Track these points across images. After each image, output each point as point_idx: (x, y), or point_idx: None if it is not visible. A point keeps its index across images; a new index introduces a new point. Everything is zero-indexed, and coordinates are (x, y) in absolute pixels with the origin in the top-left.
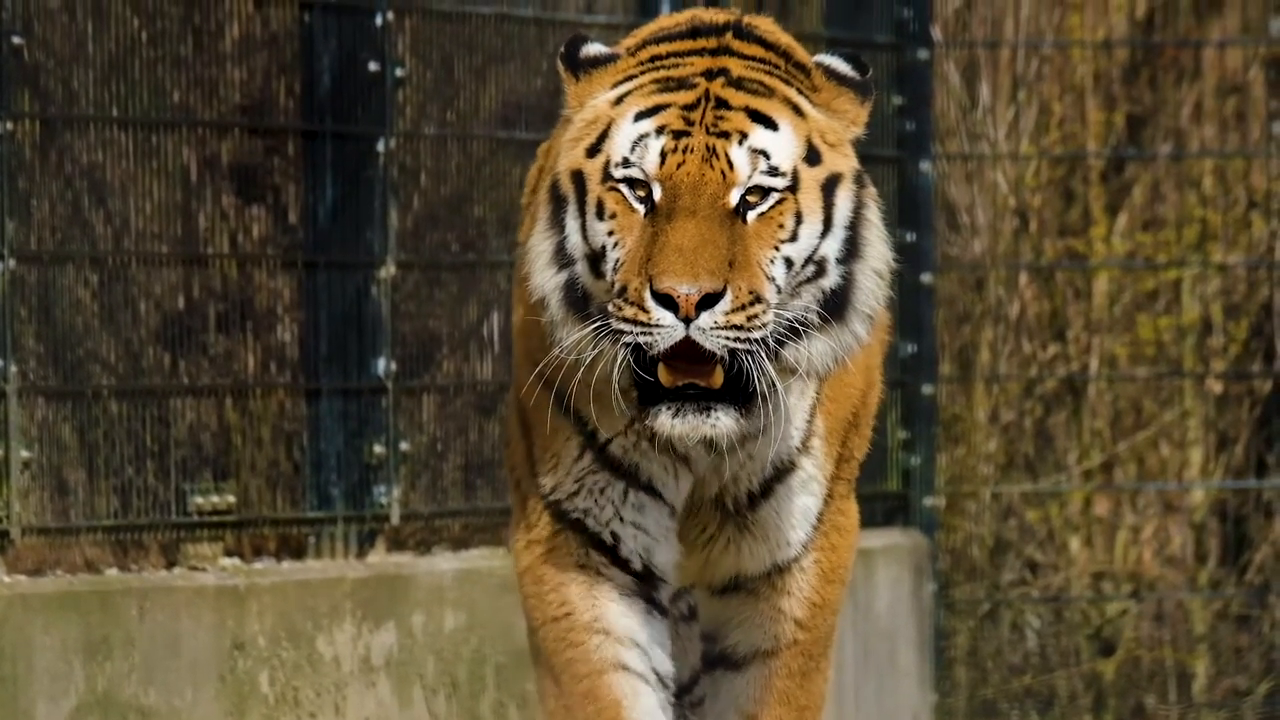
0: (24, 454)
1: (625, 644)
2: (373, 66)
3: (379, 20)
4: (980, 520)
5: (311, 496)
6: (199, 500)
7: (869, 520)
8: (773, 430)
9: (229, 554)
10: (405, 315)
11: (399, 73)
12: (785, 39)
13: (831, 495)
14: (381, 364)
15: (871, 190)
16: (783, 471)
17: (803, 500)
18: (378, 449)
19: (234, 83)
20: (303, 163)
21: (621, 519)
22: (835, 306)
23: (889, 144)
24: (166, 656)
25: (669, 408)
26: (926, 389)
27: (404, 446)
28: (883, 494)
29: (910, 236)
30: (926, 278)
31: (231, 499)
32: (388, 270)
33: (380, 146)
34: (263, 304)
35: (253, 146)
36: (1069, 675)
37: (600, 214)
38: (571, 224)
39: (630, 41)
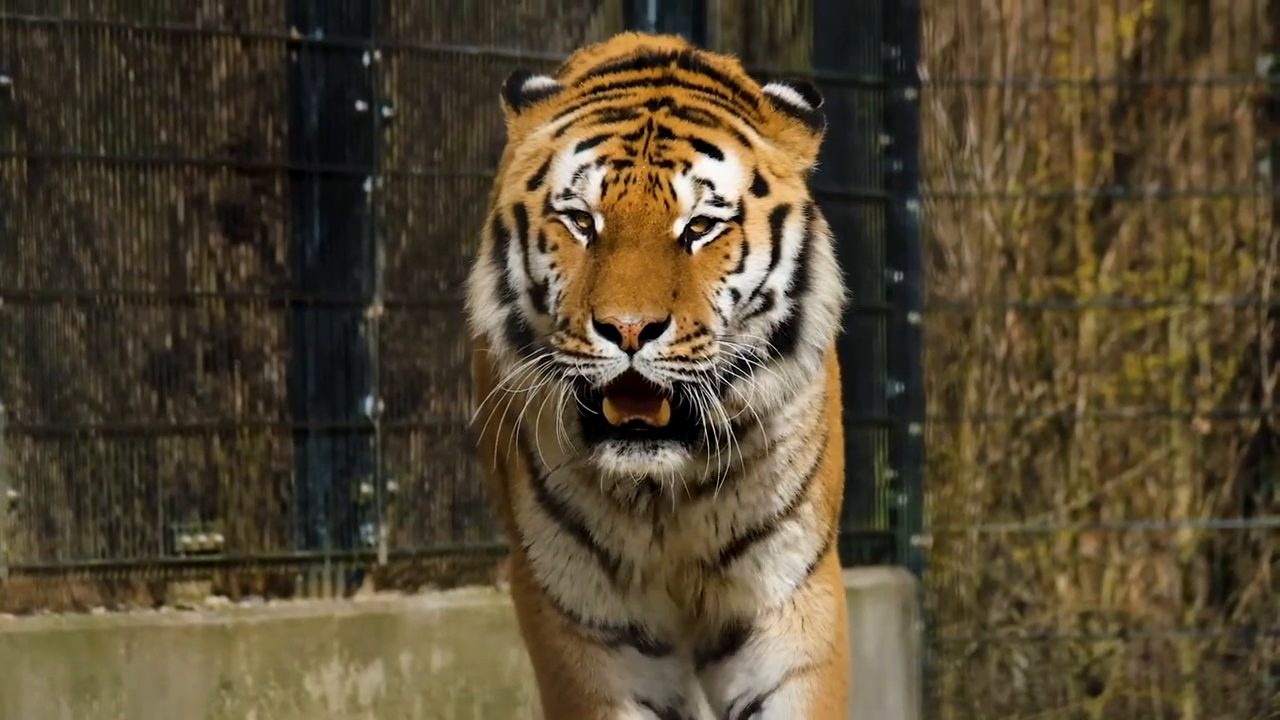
0: (11, 493)
1: (630, 710)
2: (360, 106)
3: (366, 59)
4: (967, 559)
5: (299, 536)
6: (186, 539)
7: (856, 559)
8: (754, 481)
9: (216, 593)
10: (393, 354)
11: (386, 112)
12: (734, 70)
13: (828, 551)
14: (369, 403)
15: (822, 223)
16: (760, 533)
17: (788, 556)
18: (365, 488)
19: (221, 122)
20: (290, 202)
21: (554, 569)
22: (784, 340)
23: (876, 183)
24: (154, 696)
25: (614, 445)
26: (913, 428)
27: (391, 486)
28: (870, 533)
29: (897, 276)
30: (913, 317)
31: (219, 538)
32: (375, 309)
33: (368, 185)
34: (250, 343)
35: (240, 185)
36: (1056, 714)
37: (542, 246)
38: (514, 258)
39: (576, 73)
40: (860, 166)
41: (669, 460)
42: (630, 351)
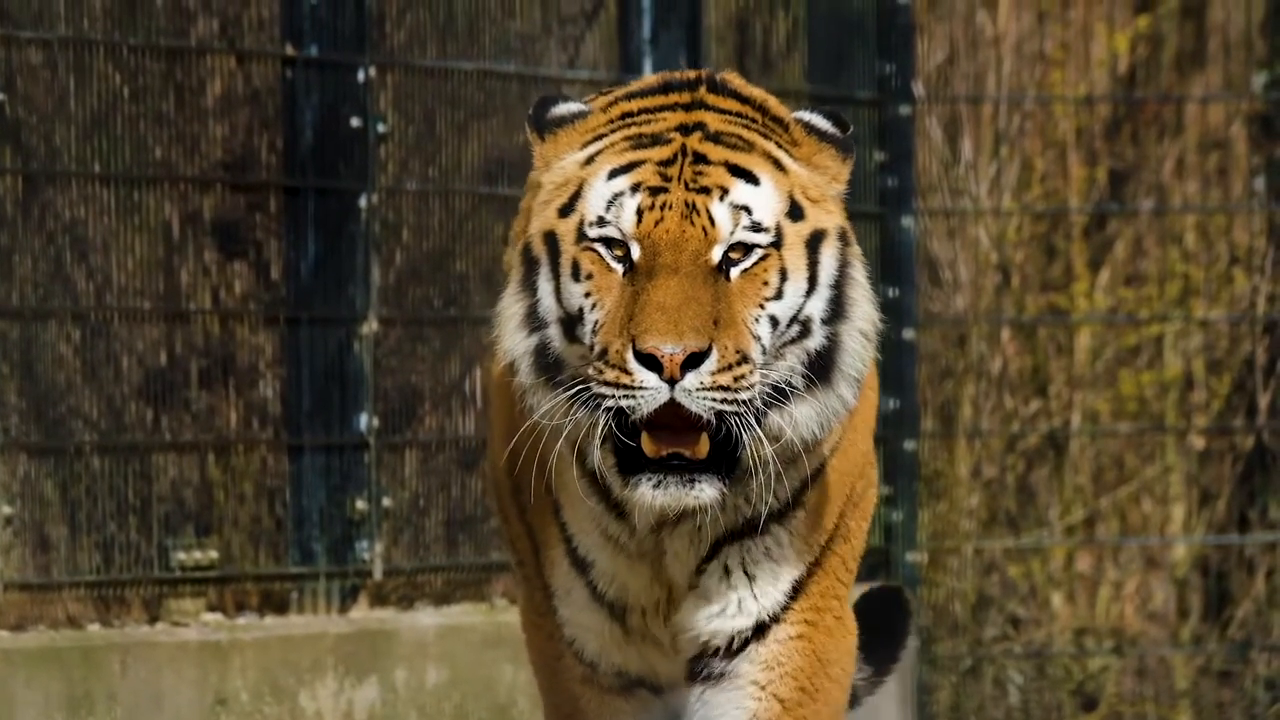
0: (6, 509)
1: None
2: (355, 122)
3: (361, 76)
4: (962, 576)
5: (294, 552)
6: (181, 555)
7: None
8: (756, 495)
9: (211, 609)
10: (387, 371)
11: (381, 128)
12: (759, 92)
13: (823, 570)
14: (363, 419)
15: (856, 249)
16: (739, 534)
17: (769, 566)
18: (360, 504)
19: (216, 138)
20: (285, 218)
21: (582, 624)
22: (820, 369)
23: (871, 199)
24: (149, 712)
25: (650, 478)
26: (908, 444)
27: (386, 502)
28: (865, 549)
29: (892, 292)
30: (908, 333)
31: (214, 554)
32: (370, 326)
33: (362, 202)
34: (245, 360)
35: (235, 202)
36: None
37: (576, 275)
38: (544, 286)
39: (601, 100)
40: (855, 183)
41: (705, 493)
42: (671, 381)
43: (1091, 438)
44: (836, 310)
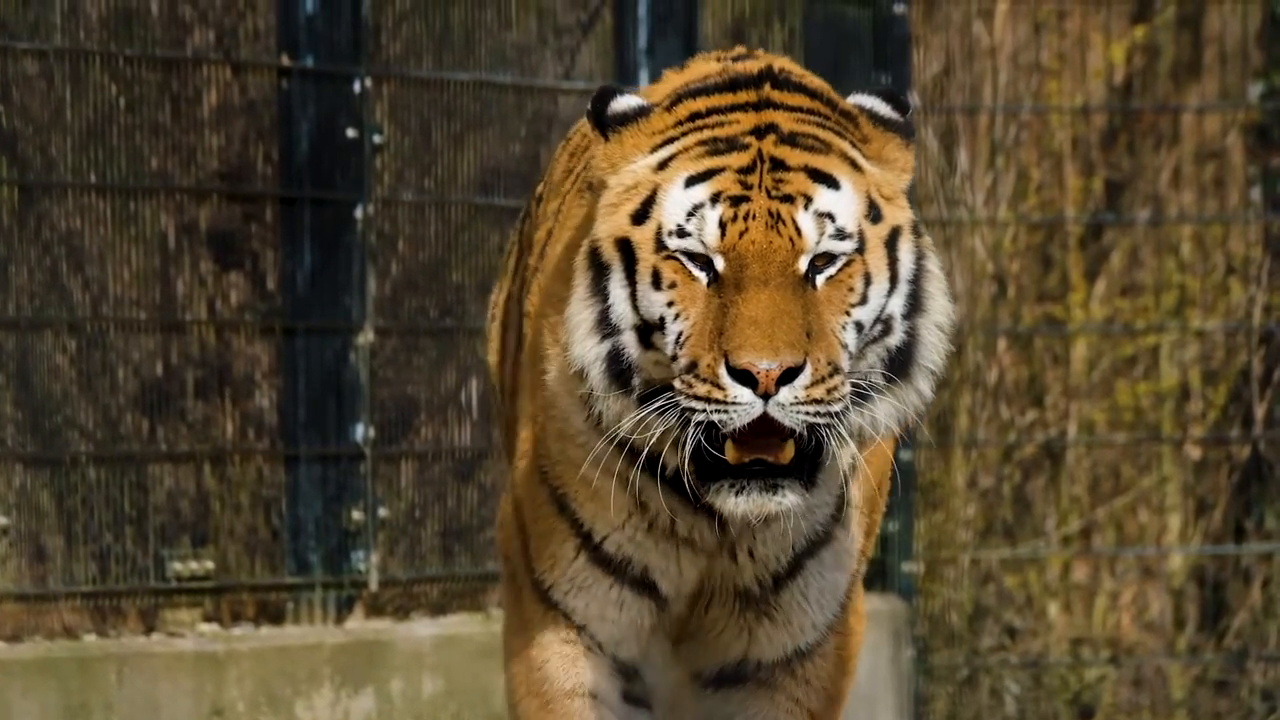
0: (2, 520)
1: (604, 707)
2: (351, 133)
3: (357, 86)
4: (959, 586)
5: (290, 562)
6: (177, 566)
7: None
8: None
9: (207, 620)
10: (383, 381)
11: (377, 139)
12: (819, 80)
13: (856, 573)
14: (360, 430)
15: (928, 240)
16: (815, 545)
17: (834, 576)
18: (356, 515)
19: (212, 149)
20: (281, 228)
21: (604, 617)
22: (900, 365)
23: None
24: None
25: (732, 485)
26: (904, 455)
27: (382, 512)
28: None
29: None
30: None
31: (210, 565)
32: (366, 336)
33: (358, 212)
34: (241, 370)
35: (231, 212)
36: None
37: (657, 284)
38: (618, 292)
39: (660, 95)
40: None
41: (789, 499)
42: (765, 396)
43: (1088, 448)
44: (914, 305)
